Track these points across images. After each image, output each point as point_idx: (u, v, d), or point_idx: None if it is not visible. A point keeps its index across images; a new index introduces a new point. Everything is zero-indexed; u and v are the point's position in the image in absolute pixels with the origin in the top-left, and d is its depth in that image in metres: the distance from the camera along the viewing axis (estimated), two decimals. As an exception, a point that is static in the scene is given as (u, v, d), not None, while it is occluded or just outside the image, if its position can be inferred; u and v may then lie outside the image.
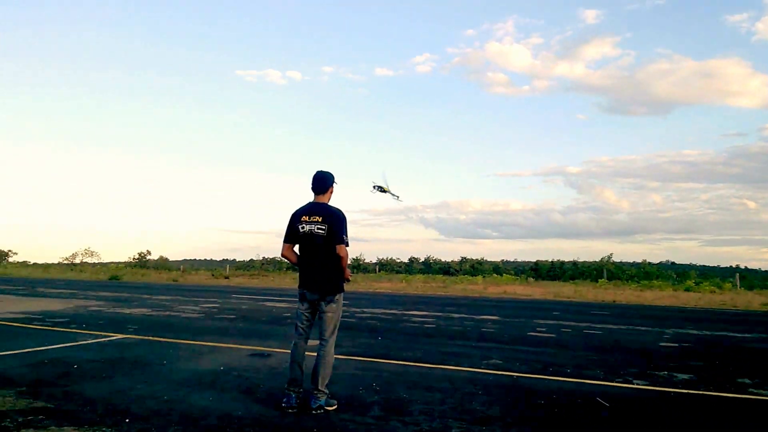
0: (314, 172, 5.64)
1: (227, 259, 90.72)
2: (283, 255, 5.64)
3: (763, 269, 78.25)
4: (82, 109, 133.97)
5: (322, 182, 5.61)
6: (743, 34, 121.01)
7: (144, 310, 15.76)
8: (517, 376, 7.34)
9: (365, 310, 17.08)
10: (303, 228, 5.42)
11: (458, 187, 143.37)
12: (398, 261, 73.65)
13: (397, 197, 8.35)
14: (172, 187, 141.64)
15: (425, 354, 8.93)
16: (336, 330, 5.53)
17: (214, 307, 17.42)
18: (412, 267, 70.36)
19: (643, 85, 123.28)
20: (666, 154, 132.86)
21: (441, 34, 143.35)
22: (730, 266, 74.27)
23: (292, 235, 5.53)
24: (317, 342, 5.49)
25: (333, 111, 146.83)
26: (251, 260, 73.80)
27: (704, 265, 78.89)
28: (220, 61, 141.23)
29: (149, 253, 70.51)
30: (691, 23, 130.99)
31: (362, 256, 65.51)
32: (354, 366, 7.67)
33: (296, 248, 5.60)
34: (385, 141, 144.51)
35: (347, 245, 5.42)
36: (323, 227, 5.35)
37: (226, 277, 45.37)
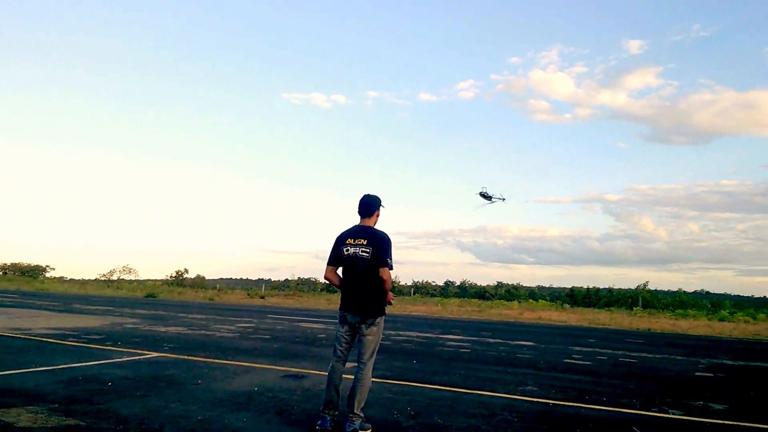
0: (362, 196, 5.72)
1: (263, 279, 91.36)
2: (326, 277, 5.73)
3: (799, 300, 75.71)
4: (133, 126, 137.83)
5: (369, 206, 5.69)
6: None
7: (179, 329, 15.98)
8: (552, 403, 7.26)
9: (400, 333, 17.06)
10: (348, 251, 5.50)
11: (497, 212, 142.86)
12: (434, 284, 73.39)
13: (503, 199, 8.39)
14: (213, 205, 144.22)
15: (460, 378, 8.89)
16: (375, 354, 5.56)
17: (249, 327, 17.57)
18: (447, 290, 69.95)
19: (685, 115, 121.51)
20: (705, 184, 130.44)
21: (485, 60, 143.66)
22: (764, 296, 72.16)
23: (336, 257, 5.61)
24: (354, 365, 5.53)
25: (376, 134, 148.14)
26: (286, 280, 74.21)
27: (738, 295, 76.81)
28: (267, 82, 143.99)
29: (186, 271, 71.45)
30: (734, 54, 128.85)
31: (397, 279, 65.42)
32: (389, 389, 7.67)
33: (339, 271, 5.68)
34: (426, 165, 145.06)
35: (391, 269, 5.46)
36: (368, 250, 5.41)
37: (262, 297, 45.75)
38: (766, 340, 21.65)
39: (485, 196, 27.78)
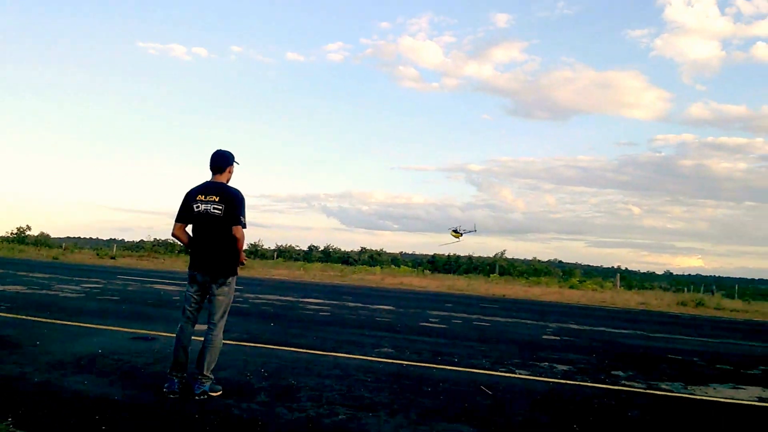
0: (214, 151, 5.44)
1: (115, 239, 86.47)
2: (173, 235, 5.39)
3: (642, 271, 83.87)
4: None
5: (221, 161, 5.40)
6: (642, 49, 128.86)
7: (18, 288, 14.78)
8: (406, 364, 7.45)
9: (260, 296, 16.83)
10: (198, 207, 5.20)
11: (363, 177, 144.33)
12: (297, 248, 73.10)
13: (474, 231, 8.25)
14: (57, 157, 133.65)
15: (318, 341, 8.90)
16: (226, 314, 5.35)
17: (96, 288, 16.59)
18: (311, 255, 69.99)
19: (546, 91, 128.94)
20: (562, 159, 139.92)
21: (355, 23, 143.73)
22: (612, 267, 79.00)
23: (185, 214, 5.29)
24: (205, 326, 5.31)
25: (240, 92, 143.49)
26: (141, 241, 70.85)
27: (589, 265, 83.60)
28: (121, 28, 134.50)
29: (29, 228, 66.00)
30: (595, 35, 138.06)
31: (261, 242, 64.52)
32: (244, 352, 7.52)
33: (189, 229, 5.38)
34: (291, 126, 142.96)
35: (244, 227, 5.24)
36: (220, 207, 5.15)
37: (113, 257, 43.34)
38: (611, 307, 23.60)
39: (456, 233, 27.95)
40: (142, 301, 13.76)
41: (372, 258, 64.12)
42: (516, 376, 7.27)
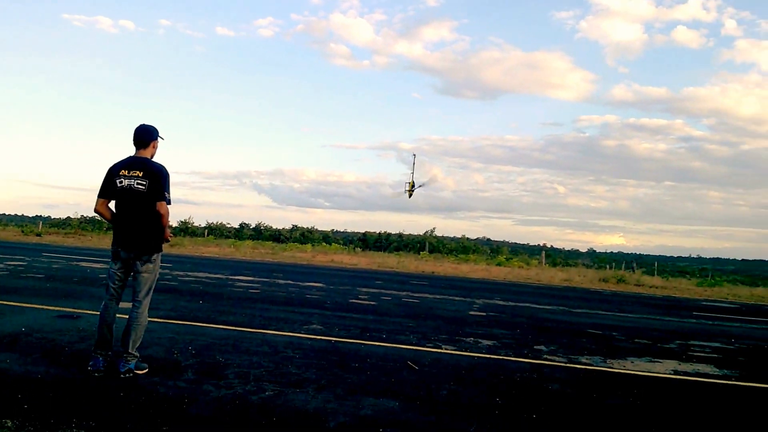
0: (137, 126, 5.31)
1: (41, 216, 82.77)
2: (96, 210, 5.24)
3: (566, 248, 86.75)
4: None
5: (145, 135, 5.26)
6: (568, 31, 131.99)
7: (-69, 266, 14.03)
8: (335, 340, 7.53)
9: (189, 273, 16.56)
10: (121, 182, 5.07)
11: (294, 155, 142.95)
12: (228, 226, 71.82)
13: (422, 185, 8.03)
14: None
15: (247, 318, 8.87)
16: (151, 292, 5.27)
17: (20, 266, 15.96)
18: (242, 233, 68.95)
19: (475, 71, 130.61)
20: (490, 138, 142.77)
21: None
22: (539, 245, 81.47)
23: (108, 189, 5.15)
24: (130, 304, 5.22)
25: (168, 67, 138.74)
26: (68, 218, 68.03)
27: (516, 243, 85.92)
28: (45, 1, 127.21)
29: (-55, 203, 62.36)
30: (523, 15, 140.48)
31: (191, 219, 62.99)
32: (172, 330, 7.41)
33: (112, 205, 5.25)
34: (221, 102, 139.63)
35: (169, 203, 5.15)
36: (144, 183, 5.04)
37: (38, 234, 41.62)
38: (536, 284, 24.36)
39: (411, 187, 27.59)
40: (67, 278, 13.31)
41: (303, 236, 63.75)
42: (442, 351, 7.46)
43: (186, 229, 58.51)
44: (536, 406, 5.10)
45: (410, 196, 28.68)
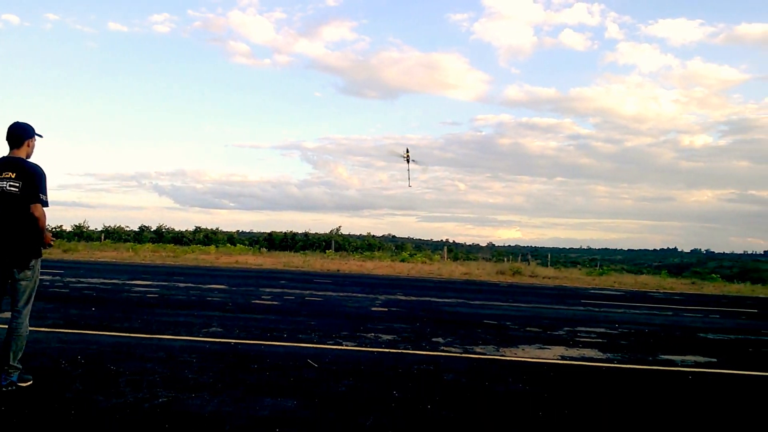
0: (10, 123, 5.02)
1: None
2: (-35, 215, 4.92)
3: (468, 243, 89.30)
4: None
5: (19, 134, 4.97)
6: (463, 33, 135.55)
7: None
8: (235, 342, 7.45)
9: (82, 279, 15.80)
10: None
11: (196, 155, 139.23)
12: (127, 229, 68.95)
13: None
14: None
15: (143, 324, 8.61)
16: (31, 300, 4.99)
17: None
18: (142, 236, 66.42)
19: (376, 70, 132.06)
20: (392, 137, 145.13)
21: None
22: (442, 240, 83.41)
23: None
24: (8, 314, 4.95)
25: (57, 64, 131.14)
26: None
27: (420, 239, 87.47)
28: None
29: None
30: (419, 16, 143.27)
31: (86, 223, 60.01)
32: (60, 339, 7.10)
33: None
34: (116, 100, 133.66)
35: (45, 205, 4.88)
36: (17, 184, 4.76)
37: None
38: (437, 278, 24.91)
39: (407, 160, 26.71)
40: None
41: (207, 237, 62.14)
42: (343, 348, 7.55)
43: (81, 234, 55.75)
44: (432, 397, 5.27)
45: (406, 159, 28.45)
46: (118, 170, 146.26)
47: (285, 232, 65.15)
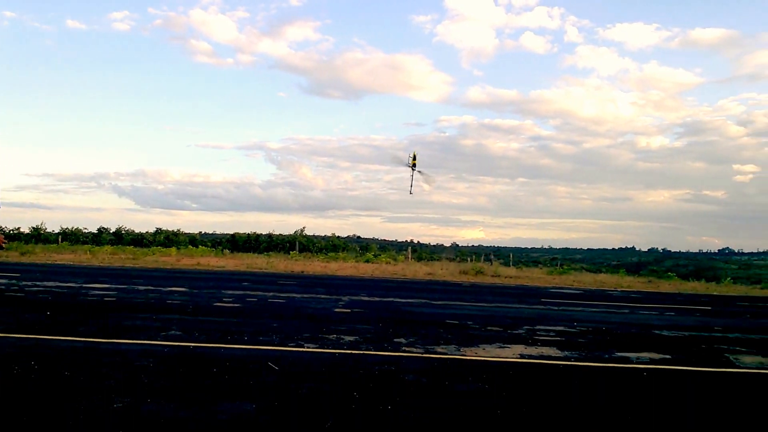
0: None
1: None
2: None
3: (432, 243, 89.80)
4: None
5: None
6: (426, 34, 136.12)
7: None
8: (194, 346, 7.36)
9: (38, 283, 15.40)
10: None
11: (157, 155, 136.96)
12: (85, 231, 67.48)
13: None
14: None
15: (100, 328, 8.43)
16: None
17: None
18: (101, 237, 65.11)
19: (340, 71, 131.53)
20: (356, 137, 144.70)
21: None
22: (407, 241, 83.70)
23: None
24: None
25: (13, 62, 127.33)
26: None
27: (385, 240, 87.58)
28: None
29: None
30: (383, 17, 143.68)
31: (43, 225, 58.58)
32: (12, 344, 6.95)
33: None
34: (75, 99, 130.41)
35: None
36: None
37: None
38: (401, 279, 24.93)
39: (414, 167, 26.21)
40: None
41: (168, 239, 61.10)
42: (304, 350, 7.52)
43: (38, 236, 54.42)
44: (392, 397, 5.29)
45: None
46: (77, 171, 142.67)
47: (248, 234, 64.50)
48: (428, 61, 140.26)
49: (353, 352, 7.51)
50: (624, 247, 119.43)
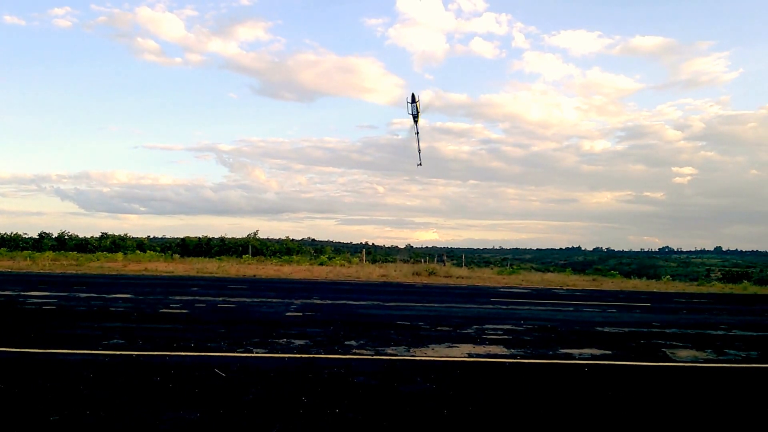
0: None
1: None
2: None
3: (386, 245, 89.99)
4: None
5: None
6: (378, 38, 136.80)
7: None
8: (137, 355, 7.18)
9: (-28, 292, 14.84)
10: None
11: (102, 157, 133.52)
12: (25, 236, 65.29)
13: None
14: None
15: (36, 338, 8.16)
16: None
17: None
18: (42, 243, 63.06)
19: (292, 73, 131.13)
20: (310, 140, 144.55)
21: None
22: (361, 243, 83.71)
23: None
24: None
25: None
26: None
27: (340, 242, 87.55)
28: None
29: None
30: (335, 19, 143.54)
31: (-21, 231, 56.46)
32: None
33: None
34: (13, 98, 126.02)
35: None
36: None
37: None
38: (355, 281, 24.89)
39: (415, 116, 25.11)
40: None
41: (114, 244, 59.61)
42: (253, 355, 7.43)
43: (-27, 243, 52.39)
44: (340, 400, 5.28)
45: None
46: (16, 173, 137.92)
47: (200, 237, 63.42)
48: (380, 64, 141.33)
49: (303, 356, 7.46)
50: (571, 246, 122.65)
